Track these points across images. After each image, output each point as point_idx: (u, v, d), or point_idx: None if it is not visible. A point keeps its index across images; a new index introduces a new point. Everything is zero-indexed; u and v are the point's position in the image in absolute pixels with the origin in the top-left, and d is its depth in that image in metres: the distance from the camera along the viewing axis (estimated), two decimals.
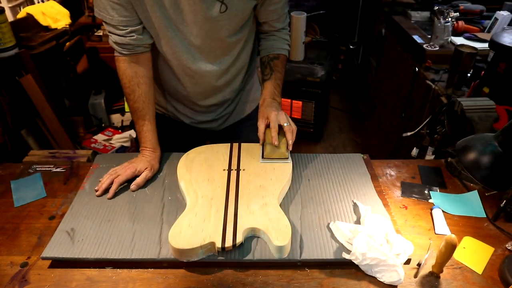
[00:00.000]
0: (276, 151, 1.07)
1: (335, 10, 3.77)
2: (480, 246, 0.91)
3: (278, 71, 1.18)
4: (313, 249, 0.86)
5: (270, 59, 1.19)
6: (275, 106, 1.10)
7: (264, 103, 1.12)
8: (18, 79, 2.02)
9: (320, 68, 2.85)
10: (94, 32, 2.95)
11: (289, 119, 1.08)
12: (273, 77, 1.17)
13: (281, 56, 1.20)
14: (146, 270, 0.84)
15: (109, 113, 2.91)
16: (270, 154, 1.08)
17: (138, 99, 1.09)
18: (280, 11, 1.13)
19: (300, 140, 3.10)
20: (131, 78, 1.07)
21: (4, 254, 0.88)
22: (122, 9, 0.97)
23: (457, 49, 1.56)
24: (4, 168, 1.17)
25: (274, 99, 1.13)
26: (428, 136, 1.34)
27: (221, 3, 0.98)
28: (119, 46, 1.04)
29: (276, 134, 1.05)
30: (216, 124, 1.33)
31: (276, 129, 1.05)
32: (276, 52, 1.20)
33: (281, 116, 1.07)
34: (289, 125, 1.07)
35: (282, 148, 1.07)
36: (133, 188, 1.03)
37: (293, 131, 1.07)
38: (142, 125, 1.11)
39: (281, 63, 1.20)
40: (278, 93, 1.16)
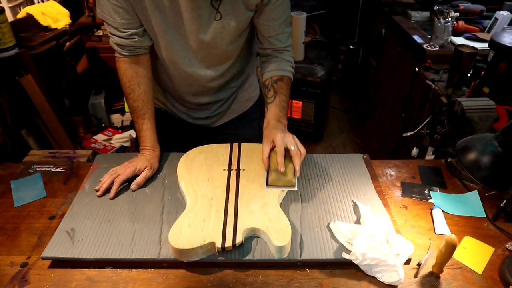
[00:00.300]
0: (283, 178, 0.98)
1: (335, 10, 3.77)
2: (480, 246, 0.91)
3: (283, 93, 1.13)
4: (313, 249, 0.86)
5: (274, 82, 1.14)
6: (281, 129, 1.03)
7: (269, 126, 1.06)
8: (18, 79, 2.02)
9: (320, 68, 2.85)
10: (94, 32, 2.95)
11: (297, 142, 1.01)
12: (277, 99, 1.11)
13: (284, 78, 1.15)
14: (146, 270, 0.84)
15: (109, 113, 2.91)
16: (276, 181, 0.98)
17: (138, 98, 1.09)
18: (278, 28, 1.09)
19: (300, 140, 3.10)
20: (131, 78, 1.08)
21: (4, 254, 0.88)
22: (124, 12, 0.98)
23: (457, 49, 1.56)
24: (4, 168, 1.17)
25: (279, 122, 1.07)
26: (428, 136, 1.34)
27: (216, 10, 0.98)
28: (120, 47, 1.05)
29: (282, 159, 0.97)
30: (210, 121, 1.33)
31: (282, 154, 0.97)
32: (279, 74, 1.14)
33: (287, 139, 1.00)
34: (296, 149, 0.99)
35: (288, 175, 0.98)
36: (133, 187, 1.03)
37: (301, 155, 0.99)
38: (141, 123, 1.11)
39: (285, 84, 1.14)
40: (283, 115, 1.10)
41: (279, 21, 1.07)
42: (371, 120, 2.86)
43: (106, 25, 1.03)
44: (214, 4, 0.96)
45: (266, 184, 0.99)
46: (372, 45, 3.28)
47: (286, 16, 1.09)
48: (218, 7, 0.97)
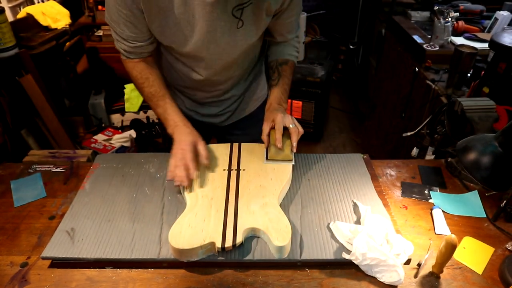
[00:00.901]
0: (280, 153, 1.06)
1: (335, 10, 3.77)
2: (480, 246, 0.91)
3: (286, 76, 1.17)
4: (313, 249, 0.86)
5: (279, 64, 1.18)
6: (281, 110, 1.10)
7: (270, 108, 1.12)
8: (18, 79, 2.02)
9: (320, 68, 2.85)
10: (94, 32, 2.95)
11: (295, 122, 1.08)
12: (281, 82, 1.16)
13: (289, 62, 1.19)
14: (146, 270, 0.84)
15: (109, 113, 2.91)
16: (274, 156, 1.06)
17: (153, 83, 1.10)
18: (293, 23, 1.14)
19: (300, 140, 3.10)
20: (141, 70, 1.09)
21: (4, 254, 0.88)
22: (133, 27, 0.99)
23: (457, 49, 1.56)
24: (4, 168, 1.17)
25: (280, 104, 1.12)
26: (428, 136, 1.34)
27: (238, 19, 0.98)
28: (126, 52, 1.07)
29: (280, 136, 1.05)
30: (219, 120, 1.33)
31: (280, 131, 1.05)
32: (285, 57, 1.19)
33: (287, 118, 1.07)
34: (295, 127, 1.06)
35: (286, 150, 1.06)
36: (206, 162, 1.03)
37: (298, 133, 1.06)
38: (163, 105, 1.10)
39: (289, 68, 1.19)
40: (284, 98, 1.16)
41: (293, 18, 1.11)
42: (371, 120, 2.86)
43: (113, 32, 1.04)
44: (235, 13, 0.96)
45: (265, 158, 1.07)
46: (372, 45, 3.28)
47: (298, 11, 1.12)
48: (240, 16, 0.97)
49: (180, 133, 1.05)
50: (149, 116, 2.91)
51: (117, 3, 0.94)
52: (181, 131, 1.06)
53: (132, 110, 2.89)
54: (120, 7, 0.95)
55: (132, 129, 2.72)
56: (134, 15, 0.96)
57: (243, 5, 0.95)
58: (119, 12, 0.96)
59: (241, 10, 0.96)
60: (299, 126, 1.08)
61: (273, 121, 1.07)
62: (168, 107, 1.10)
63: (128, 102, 2.89)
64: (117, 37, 1.04)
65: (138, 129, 2.76)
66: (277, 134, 1.05)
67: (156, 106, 1.11)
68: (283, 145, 1.05)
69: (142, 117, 2.91)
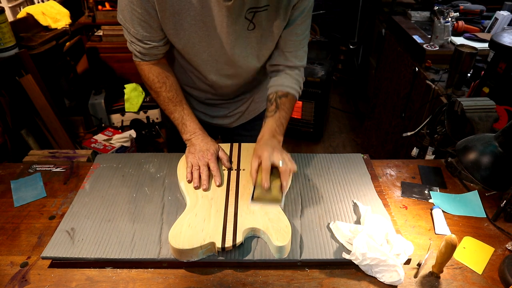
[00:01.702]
0: (267, 194, 0.93)
1: (335, 10, 3.77)
2: (480, 246, 0.91)
3: (284, 110, 1.09)
4: (313, 249, 0.86)
5: (278, 97, 1.10)
6: (271, 145, 0.99)
7: (261, 141, 1.03)
8: (18, 79, 2.02)
9: (320, 68, 2.85)
10: (94, 32, 2.95)
11: (286, 158, 0.98)
12: (278, 115, 1.08)
13: (289, 95, 1.11)
14: (146, 270, 0.84)
15: (109, 113, 2.91)
16: (261, 197, 0.94)
17: (170, 88, 1.10)
18: (298, 45, 1.08)
19: (300, 140, 3.11)
20: (158, 73, 1.09)
21: (4, 254, 0.88)
22: (148, 26, 0.98)
23: (457, 49, 1.56)
24: (4, 168, 1.17)
25: (273, 137, 1.03)
26: (428, 136, 1.34)
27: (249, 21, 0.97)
28: (141, 54, 1.06)
29: (266, 176, 0.94)
30: (228, 121, 1.34)
31: (267, 170, 0.94)
32: (286, 90, 1.11)
33: (275, 155, 0.96)
34: (284, 165, 0.96)
35: (274, 192, 0.94)
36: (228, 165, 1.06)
37: (289, 171, 0.96)
38: (181, 110, 1.11)
39: (289, 102, 1.11)
40: (280, 131, 1.06)
41: (300, 37, 1.07)
42: (371, 120, 2.86)
43: (127, 33, 1.03)
44: (247, 16, 0.96)
45: (251, 198, 0.95)
46: (372, 45, 3.28)
47: (307, 34, 1.08)
48: (252, 19, 0.97)
49: (203, 141, 1.08)
50: (149, 116, 2.91)
51: (131, 1, 0.93)
52: (204, 140, 1.08)
53: (132, 110, 2.89)
54: (135, 6, 0.94)
55: (132, 129, 2.72)
56: (149, 14, 0.95)
57: (257, 9, 0.95)
58: (133, 11, 0.95)
59: (253, 13, 0.96)
60: (290, 162, 0.98)
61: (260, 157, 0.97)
62: (186, 113, 1.11)
63: (128, 102, 2.89)
64: (132, 38, 1.03)
65: (138, 129, 2.76)
66: (263, 174, 0.94)
67: (173, 111, 1.11)
68: (271, 185, 0.94)
69: (142, 117, 2.91)
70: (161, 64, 1.10)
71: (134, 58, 1.09)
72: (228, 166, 1.06)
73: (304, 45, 1.10)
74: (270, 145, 0.99)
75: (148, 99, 2.92)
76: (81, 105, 2.79)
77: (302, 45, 1.10)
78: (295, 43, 1.08)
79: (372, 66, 3.23)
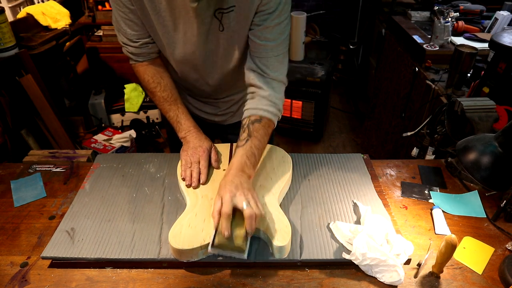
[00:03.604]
0: (229, 244, 0.82)
1: (335, 10, 3.77)
2: (480, 246, 0.91)
3: (257, 138, 0.98)
4: (313, 249, 0.86)
5: (251, 122, 1.00)
6: (236, 184, 0.88)
7: (227, 176, 0.91)
8: (18, 79, 2.02)
9: (320, 68, 2.85)
10: (94, 32, 2.95)
11: (251, 200, 0.85)
12: (249, 144, 0.97)
13: (263, 120, 1.00)
14: (146, 270, 0.84)
15: (109, 113, 2.91)
16: (222, 244, 0.82)
17: (165, 88, 1.12)
18: (268, 50, 1.00)
19: (300, 140, 3.11)
20: (152, 74, 1.11)
21: (4, 254, 0.88)
22: (133, 24, 1.01)
23: (457, 49, 1.56)
24: (4, 168, 1.17)
25: (242, 171, 0.92)
26: (428, 136, 1.34)
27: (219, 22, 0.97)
28: (134, 55, 1.09)
29: (227, 223, 0.82)
30: (220, 119, 1.34)
31: (227, 217, 0.82)
32: (259, 114, 1.00)
33: (238, 198, 0.85)
34: (249, 208, 0.83)
35: (236, 240, 0.82)
36: (217, 165, 1.07)
37: (255, 216, 0.83)
38: (176, 109, 1.13)
39: (262, 128, 1.00)
40: (250, 164, 0.95)
41: (272, 42, 0.99)
42: (371, 120, 2.86)
43: (119, 35, 1.06)
44: (217, 15, 0.96)
45: (211, 245, 0.82)
46: (372, 45, 3.28)
47: (281, 43, 1.00)
48: (221, 19, 0.97)
49: (196, 138, 1.09)
50: (149, 116, 2.91)
51: (114, 2, 0.98)
52: (197, 137, 1.10)
53: (132, 110, 2.89)
54: (118, 6, 0.98)
55: (132, 129, 2.72)
56: (132, 12, 0.98)
57: (223, 10, 0.94)
58: (118, 11, 0.99)
59: (221, 14, 0.95)
60: (256, 205, 0.85)
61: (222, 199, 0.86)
62: (181, 112, 1.13)
63: (128, 102, 2.89)
64: (123, 40, 1.06)
65: (138, 129, 2.76)
66: (222, 221, 0.82)
67: (168, 110, 1.13)
68: (234, 232, 0.83)
69: (142, 117, 2.91)
70: (155, 64, 1.12)
71: (131, 62, 1.12)
72: (216, 166, 1.07)
73: (277, 54, 1.01)
74: (234, 184, 0.88)
75: (148, 99, 2.92)
76: (81, 105, 2.79)
77: (274, 53, 1.00)
78: (265, 48, 0.99)
79: (372, 66, 3.23)
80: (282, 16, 0.97)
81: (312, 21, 3.61)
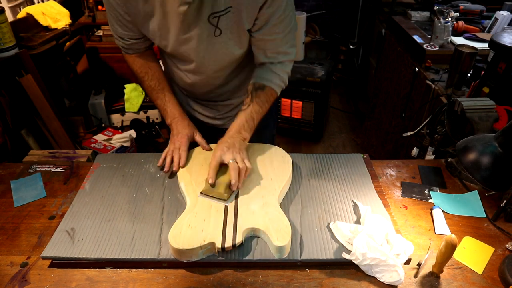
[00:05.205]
0: (214, 190, 0.95)
1: (335, 10, 3.77)
2: (480, 246, 0.91)
3: (258, 104, 1.06)
4: (313, 249, 0.86)
5: (255, 89, 1.07)
6: (229, 144, 0.99)
7: (224, 137, 1.03)
8: (18, 79, 2.02)
9: (320, 68, 2.85)
10: (94, 32, 2.95)
11: (238, 157, 0.97)
12: (250, 108, 1.05)
13: (267, 88, 1.07)
14: (146, 270, 0.84)
15: (109, 113, 2.91)
16: (207, 191, 0.96)
17: (152, 77, 1.15)
18: (279, 42, 1.04)
19: (300, 140, 3.11)
20: (141, 64, 1.15)
21: (4, 254, 0.88)
22: (124, 26, 1.05)
23: (457, 49, 1.56)
24: (4, 168, 1.17)
25: (239, 133, 1.03)
26: (428, 136, 1.34)
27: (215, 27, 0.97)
28: (124, 48, 1.13)
29: (212, 172, 0.95)
30: (220, 122, 1.34)
31: (213, 168, 0.95)
32: (263, 82, 1.07)
33: (227, 155, 0.97)
34: (234, 163, 0.95)
35: (219, 188, 0.94)
36: (207, 148, 1.12)
37: (239, 170, 0.94)
38: (163, 98, 1.16)
39: (264, 95, 1.07)
40: (248, 127, 1.04)
41: (281, 35, 1.02)
42: (371, 120, 2.86)
43: (112, 30, 1.09)
44: (212, 21, 0.95)
45: (199, 193, 0.96)
46: (372, 45, 3.28)
47: (291, 28, 1.03)
48: (217, 24, 0.96)
49: (178, 125, 1.14)
50: (149, 116, 2.91)
51: (107, 3, 1.00)
52: (179, 124, 1.14)
53: (132, 110, 2.89)
54: (110, 7, 1.00)
55: (132, 129, 2.72)
56: (122, 16, 1.01)
57: (219, 13, 0.94)
58: (110, 12, 1.02)
59: (217, 18, 0.95)
60: (242, 161, 0.97)
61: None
62: (167, 100, 1.16)
63: (128, 102, 2.89)
64: (114, 35, 1.10)
65: (138, 129, 2.76)
66: (209, 171, 0.95)
67: (156, 98, 1.17)
68: (219, 182, 0.95)
69: (142, 117, 2.91)
70: (145, 55, 1.15)
71: (122, 51, 1.15)
72: (207, 148, 1.11)
73: (288, 41, 1.05)
74: (227, 143, 0.99)
75: (148, 99, 2.92)
76: (81, 105, 2.79)
77: (285, 42, 1.05)
78: (275, 42, 1.04)
79: (372, 66, 3.23)
80: (287, 10, 0.99)
81: (312, 21, 3.61)
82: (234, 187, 0.94)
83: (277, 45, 1.05)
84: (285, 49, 1.07)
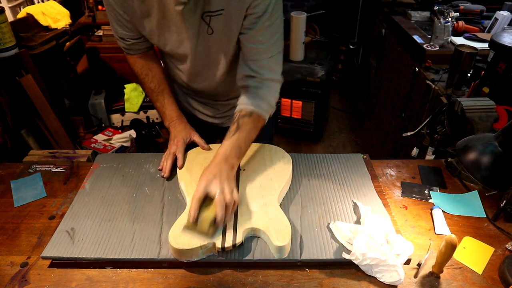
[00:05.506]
0: (194, 227, 0.84)
1: (335, 10, 3.77)
2: (480, 246, 0.91)
3: (245, 131, 0.98)
4: (313, 249, 0.86)
5: (241, 116, 1.01)
6: (214, 172, 0.89)
7: (210, 164, 0.93)
8: (18, 79, 2.02)
9: (320, 68, 2.85)
10: (94, 32, 2.95)
11: (226, 189, 0.87)
12: (236, 136, 0.97)
13: (254, 114, 1.01)
14: (146, 270, 0.84)
15: (109, 113, 2.91)
16: (189, 227, 0.85)
17: (152, 79, 1.16)
18: (262, 53, 0.99)
19: (300, 140, 3.10)
20: (142, 66, 1.16)
21: (4, 254, 0.88)
22: (124, 26, 1.05)
23: (457, 49, 1.56)
24: (4, 168, 1.17)
25: (225, 161, 0.93)
26: (428, 136, 1.34)
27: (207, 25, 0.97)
28: (125, 49, 1.14)
29: (195, 206, 0.84)
30: (220, 121, 1.35)
31: (196, 200, 0.85)
32: (249, 108, 1.01)
33: (213, 185, 0.87)
34: (220, 197, 0.85)
35: (202, 225, 0.83)
36: (206, 147, 1.13)
37: (226, 205, 0.84)
38: (162, 100, 1.17)
39: (252, 122, 1.00)
40: (234, 155, 0.95)
41: (264, 45, 0.98)
42: (371, 120, 2.86)
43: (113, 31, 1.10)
44: (205, 18, 0.96)
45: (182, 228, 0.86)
46: (372, 45, 3.28)
47: (275, 43, 0.99)
48: (209, 23, 0.96)
49: (175, 128, 1.15)
50: (149, 116, 2.91)
51: (107, 3, 1.00)
52: (177, 127, 1.15)
53: (132, 110, 2.89)
54: (110, 7, 1.01)
55: (132, 129, 2.72)
56: (121, 16, 1.01)
57: (212, 13, 0.94)
58: (110, 12, 1.02)
59: (209, 17, 0.95)
60: (230, 193, 0.87)
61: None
62: (166, 103, 1.17)
63: (128, 102, 2.89)
64: (115, 35, 1.10)
65: (138, 129, 2.76)
66: (192, 204, 0.85)
67: (155, 100, 1.18)
68: (202, 217, 0.84)
69: (142, 117, 2.91)
70: (146, 56, 1.16)
71: (124, 53, 1.16)
72: (206, 148, 1.12)
73: (271, 55, 1.00)
74: (213, 173, 0.89)
75: (147, 99, 2.92)
76: (81, 105, 2.79)
77: (268, 54, 1.00)
78: (258, 52, 0.99)
79: (372, 66, 3.23)
80: (273, 17, 0.95)
81: (312, 21, 3.61)
82: (220, 224, 0.84)
83: (260, 56, 1.00)
84: (269, 63, 1.01)
